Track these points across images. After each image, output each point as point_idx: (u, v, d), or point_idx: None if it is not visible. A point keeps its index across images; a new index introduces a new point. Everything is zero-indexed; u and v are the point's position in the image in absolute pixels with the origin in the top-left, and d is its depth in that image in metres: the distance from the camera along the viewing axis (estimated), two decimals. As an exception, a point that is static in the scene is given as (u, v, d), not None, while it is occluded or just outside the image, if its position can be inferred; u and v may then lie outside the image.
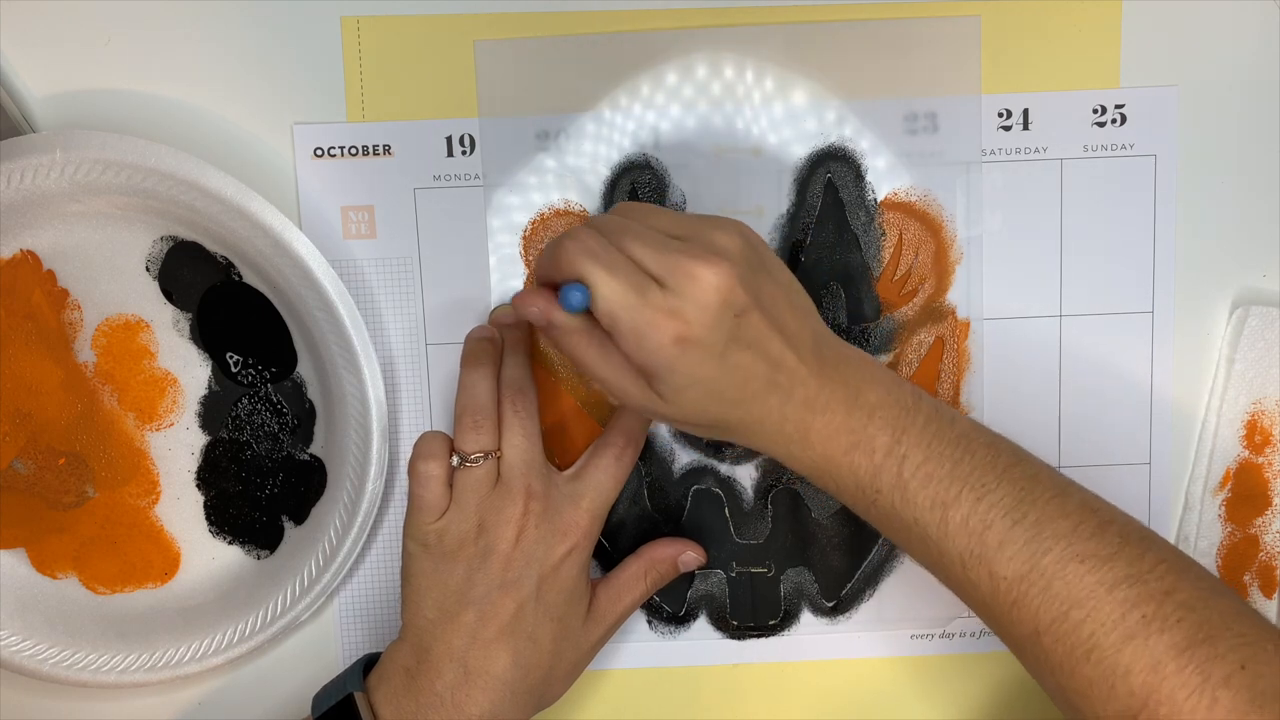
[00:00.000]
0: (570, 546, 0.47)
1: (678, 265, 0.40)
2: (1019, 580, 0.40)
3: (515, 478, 0.46)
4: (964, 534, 0.41)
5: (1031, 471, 0.42)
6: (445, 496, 0.46)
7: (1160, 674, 0.38)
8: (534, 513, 0.46)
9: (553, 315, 0.42)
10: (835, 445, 0.42)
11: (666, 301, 0.40)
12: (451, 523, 0.46)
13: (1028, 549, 0.40)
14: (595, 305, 0.40)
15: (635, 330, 0.40)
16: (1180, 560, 0.40)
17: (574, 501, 0.47)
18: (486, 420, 0.47)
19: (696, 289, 0.40)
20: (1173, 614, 0.38)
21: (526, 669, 0.46)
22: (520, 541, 0.46)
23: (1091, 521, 0.41)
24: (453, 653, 0.45)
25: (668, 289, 0.40)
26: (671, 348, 0.40)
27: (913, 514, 0.42)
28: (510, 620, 0.46)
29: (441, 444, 0.47)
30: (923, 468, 0.42)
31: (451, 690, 0.45)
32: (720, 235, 0.42)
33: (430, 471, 0.46)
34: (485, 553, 0.46)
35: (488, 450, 0.46)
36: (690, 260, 0.40)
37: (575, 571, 0.47)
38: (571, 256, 0.40)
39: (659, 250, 0.40)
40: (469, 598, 0.46)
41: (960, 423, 0.43)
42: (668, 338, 0.40)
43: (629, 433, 0.49)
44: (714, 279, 0.40)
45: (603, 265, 0.40)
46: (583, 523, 0.47)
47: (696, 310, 0.40)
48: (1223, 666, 0.37)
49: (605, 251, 0.40)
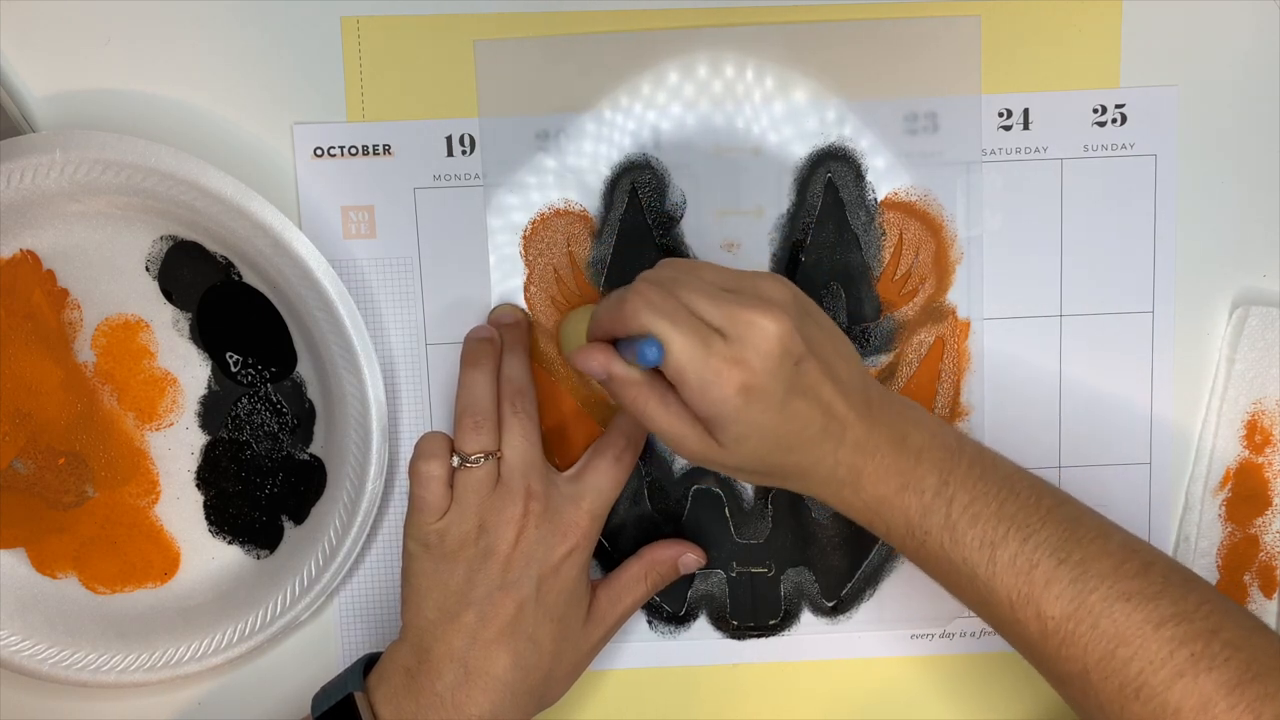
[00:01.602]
0: (570, 547, 0.47)
1: (738, 315, 0.41)
2: (1066, 619, 0.41)
3: (515, 478, 0.46)
4: (1011, 573, 0.41)
5: (1075, 513, 0.43)
6: (446, 497, 0.46)
7: (1210, 713, 0.38)
8: (534, 513, 0.46)
9: (614, 369, 0.43)
10: (886, 487, 0.43)
11: (730, 351, 0.40)
12: (452, 523, 0.46)
13: (1074, 588, 0.41)
14: (666, 359, 0.41)
15: (701, 381, 0.41)
16: (1222, 600, 0.41)
17: (574, 502, 0.47)
18: (487, 420, 0.47)
19: (758, 337, 0.41)
20: (1220, 652, 0.39)
21: (527, 670, 0.46)
22: (520, 542, 0.46)
23: (1135, 561, 0.41)
24: (453, 653, 0.45)
25: (730, 339, 0.41)
26: (736, 398, 0.40)
27: (961, 554, 0.42)
28: (511, 621, 0.46)
29: (442, 444, 0.47)
30: (970, 508, 0.42)
31: (452, 690, 0.45)
32: (768, 286, 0.42)
33: (431, 472, 0.46)
34: (486, 553, 0.46)
35: (488, 451, 0.46)
36: (748, 310, 0.41)
37: (575, 572, 0.47)
38: (637, 311, 0.41)
39: (718, 302, 0.41)
40: (469, 598, 0.46)
41: (1003, 465, 0.44)
42: (732, 388, 0.40)
43: (629, 434, 0.49)
44: (774, 327, 0.41)
45: (669, 319, 0.41)
46: (583, 523, 0.47)
47: (759, 359, 0.41)
48: (1273, 706, 0.38)
49: (669, 305, 0.41)
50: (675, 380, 0.41)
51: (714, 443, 0.42)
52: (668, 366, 0.41)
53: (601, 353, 0.43)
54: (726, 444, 0.42)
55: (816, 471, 0.43)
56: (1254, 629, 0.40)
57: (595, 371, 0.43)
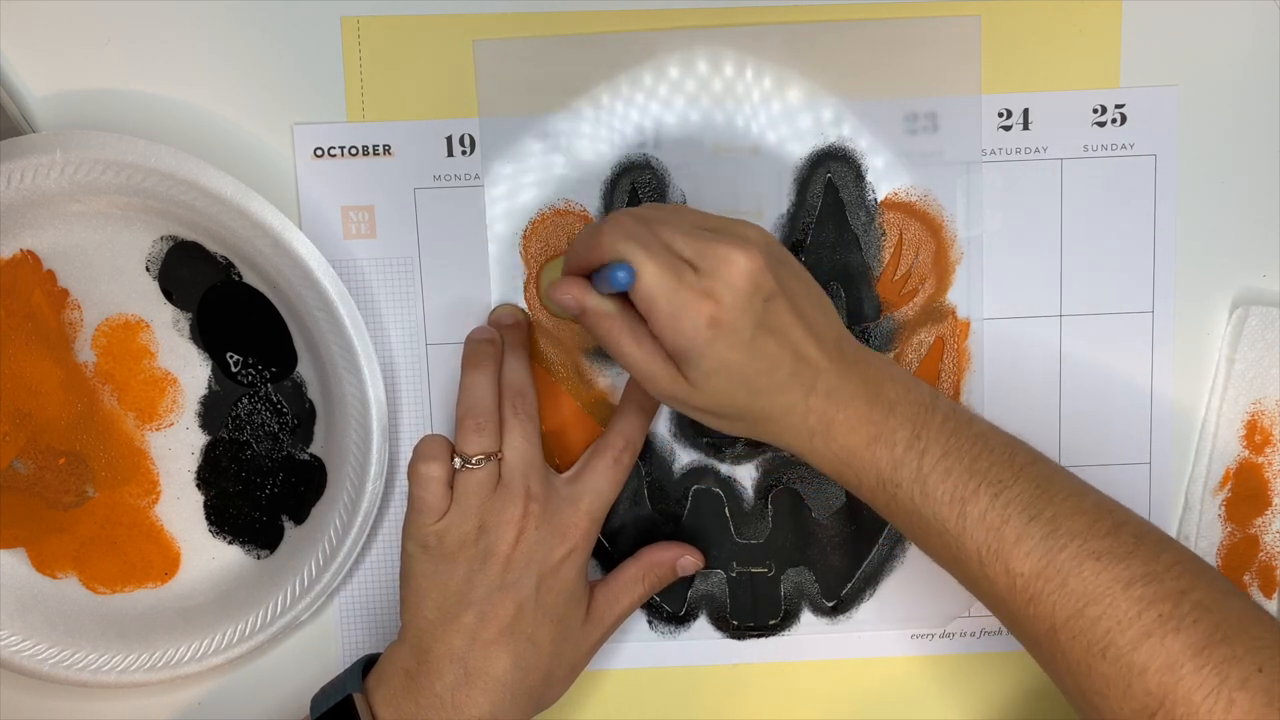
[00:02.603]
0: (569, 548, 0.47)
1: (711, 249, 0.41)
2: (1035, 576, 0.40)
3: (515, 479, 0.46)
4: (981, 528, 0.41)
5: (1048, 471, 0.42)
6: (446, 498, 0.46)
7: (1177, 674, 0.38)
8: (534, 514, 0.46)
9: (588, 300, 0.43)
10: (858, 437, 0.43)
11: (701, 283, 0.41)
12: (452, 524, 0.46)
13: (1044, 544, 0.40)
14: (636, 286, 0.41)
15: (672, 311, 0.41)
16: (1195, 562, 0.40)
17: (573, 503, 0.47)
18: (488, 422, 0.47)
19: (729, 271, 0.41)
20: (1189, 614, 0.38)
21: (526, 670, 0.46)
22: (520, 543, 0.46)
23: (1107, 521, 0.41)
24: (453, 654, 0.45)
25: (702, 272, 0.41)
26: (705, 330, 0.41)
27: (932, 509, 0.42)
28: (510, 621, 0.46)
29: (442, 446, 0.47)
30: (942, 462, 0.42)
31: (451, 691, 0.45)
32: (745, 227, 0.43)
33: (431, 473, 0.46)
34: (485, 554, 0.46)
35: (489, 452, 0.46)
36: (722, 245, 0.41)
37: (574, 573, 0.47)
38: (613, 239, 0.42)
39: (692, 236, 0.42)
40: (469, 599, 0.46)
41: (978, 422, 0.44)
42: (702, 319, 0.41)
43: (627, 435, 0.49)
44: (745, 262, 0.41)
45: (642, 247, 0.41)
46: (582, 524, 0.47)
47: (729, 291, 0.41)
48: (1240, 669, 0.37)
49: (643, 235, 0.42)
50: (645, 308, 0.41)
51: (683, 380, 0.43)
52: (637, 293, 0.41)
53: (576, 285, 0.43)
54: (695, 380, 0.42)
55: (787, 418, 0.43)
56: (1227, 592, 0.40)
57: (569, 304, 0.43)
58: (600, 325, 0.44)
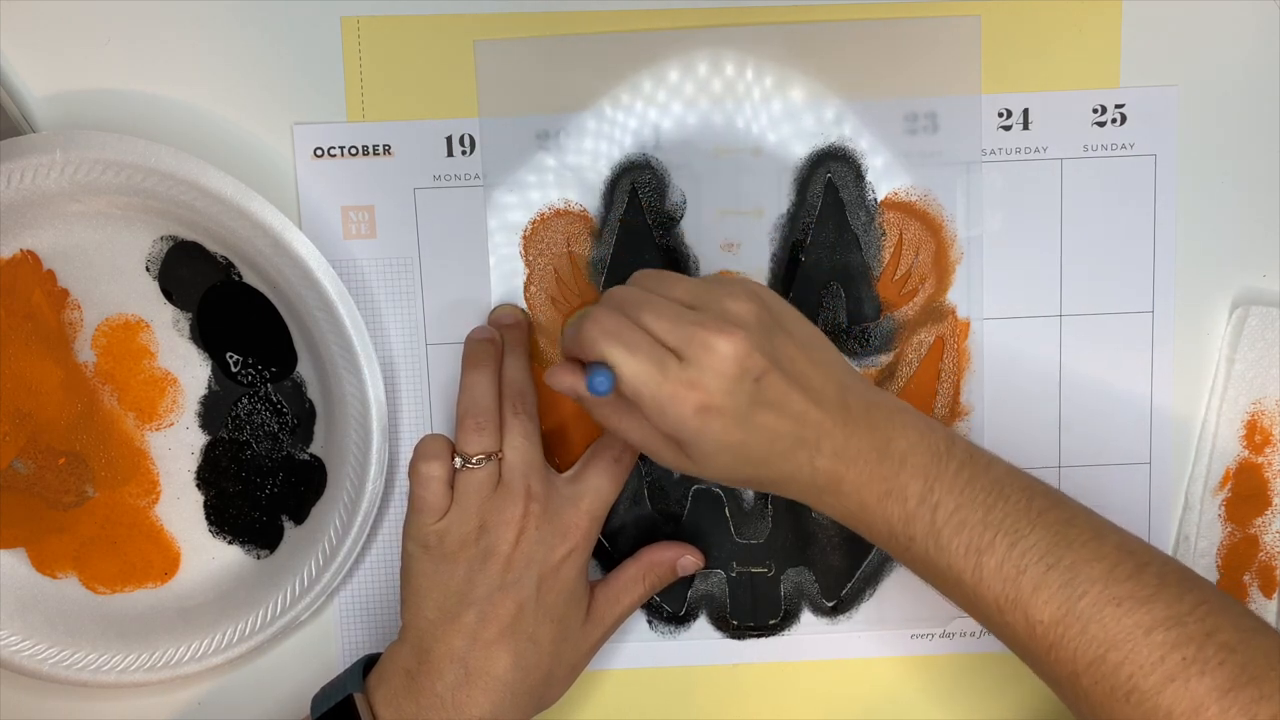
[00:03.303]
0: (570, 548, 0.47)
1: (693, 338, 0.41)
2: (1055, 624, 0.40)
3: (516, 479, 0.46)
4: (998, 580, 0.41)
5: (1067, 515, 0.42)
6: (446, 497, 0.46)
7: (1203, 717, 0.38)
8: (534, 514, 0.46)
9: (581, 392, 0.43)
10: (869, 494, 0.42)
11: (686, 374, 0.41)
12: (453, 524, 0.46)
13: (1063, 593, 0.40)
14: (620, 384, 0.41)
15: (658, 404, 0.41)
16: (1221, 601, 0.40)
17: (573, 503, 0.47)
18: (489, 421, 0.47)
19: (713, 359, 0.41)
20: (1214, 656, 0.38)
21: (527, 670, 0.46)
22: (520, 542, 0.46)
23: (1129, 564, 0.40)
24: (453, 653, 0.45)
25: (686, 361, 0.41)
26: (694, 419, 0.41)
27: (946, 560, 0.42)
28: (511, 621, 0.46)
29: (443, 445, 0.47)
30: (955, 515, 0.42)
31: (452, 691, 0.45)
32: (733, 303, 0.42)
33: (432, 473, 0.46)
34: (486, 554, 0.46)
35: (490, 451, 0.46)
36: (705, 332, 0.41)
37: (574, 573, 0.47)
38: (594, 339, 0.41)
39: (675, 323, 0.41)
40: (470, 598, 0.46)
41: (995, 468, 0.43)
42: (689, 409, 0.41)
43: None
44: (729, 349, 0.41)
45: (623, 345, 0.41)
46: (582, 524, 0.47)
47: (715, 379, 0.41)
48: (1269, 708, 0.37)
49: (624, 331, 0.41)
50: (636, 404, 0.42)
51: (687, 458, 0.43)
52: (623, 390, 0.41)
53: (570, 373, 0.44)
54: (697, 460, 0.42)
55: (795, 481, 0.43)
56: (1253, 629, 0.39)
57: (566, 391, 0.44)
58: (598, 413, 0.44)
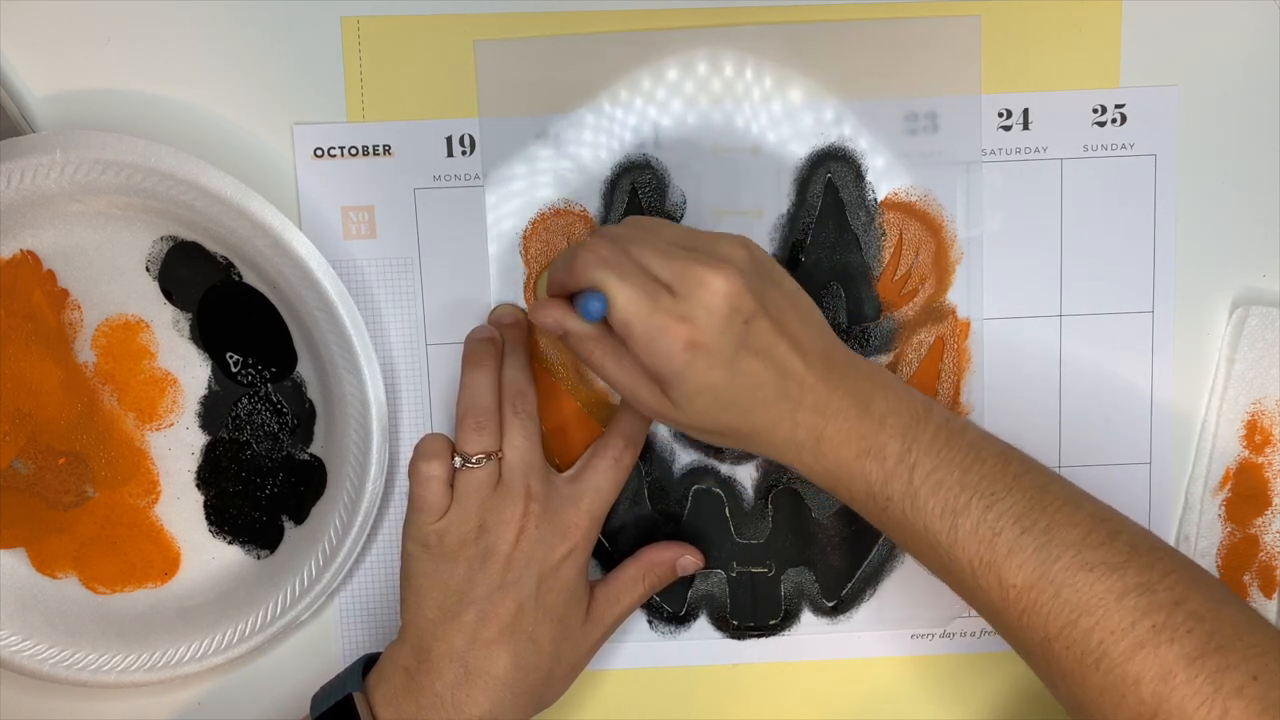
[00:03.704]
0: (570, 548, 0.47)
1: (687, 272, 0.41)
2: (1029, 588, 0.40)
3: (516, 479, 0.46)
4: (973, 541, 0.41)
5: (1042, 481, 0.42)
6: (446, 497, 0.46)
7: (1170, 684, 0.38)
8: (534, 514, 0.46)
9: (568, 324, 0.43)
10: (847, 451, 0.43)
11: (677, 307, 0.41)
12: (452, 523, 0.46)
13: (1037, 556, 0.40)
14: (611, 312, 0.41)
15: (648, 336, 0.41)
16: (1191, 570, 0.40)
17: (573, 503, 0.47)
18: (489, 421, 0.47)
19: (705, 294, 0.41)
20: (1183, 624, 0.38)
21: (526, 670, 0.46)
22: (520, 542, 0.46)
23: (1101, 531, 0.41)
24: (453, 653, 0.45)
25: (678, 295, 0.41)
26: (683, 353, 0.41)
27: (923, 521, 0.42)
28: (511, 621, 0.46)
29: (443, 445, 0.47)
30: (932, 475, 0.42)
31: (452, 690, 0.45)
32: (725, 246, 0.43)
33: (432, 472, 0.46)
34: (486, 553, 0.46)
35: (490, 451, 0.46)
36: (699, 267, 0.41)
37: (574, 573, 0.47)
38: (586, 265, 0.42)
39: (669, 258, 0.42)
40: (470, 598, 0.46)
41: (971, 432, 0.43)
42: (679, 343, 0.41)
43: (628, 435, 0.49)
44: (722, 284, 0.41)
45: (616, 273, 0.41)
46: (582, 524, 0.47)
47: (706, 315, 0.41)
48: (1234, 677, 0.37)
49: (618, 260, 0.42)
50: (622, 335, 0.42)
51: (667, 400, 0.43)
52: (613, 319, 0.41)
53: (556, 308, 0.44)
54: (679, 401, 0.42)
55: (775, 434, 0.43)
56: (1222, 600, 0.39)
57: (550, 326, 0.44)
58: (582, 348, 0.44)
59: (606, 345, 0.44)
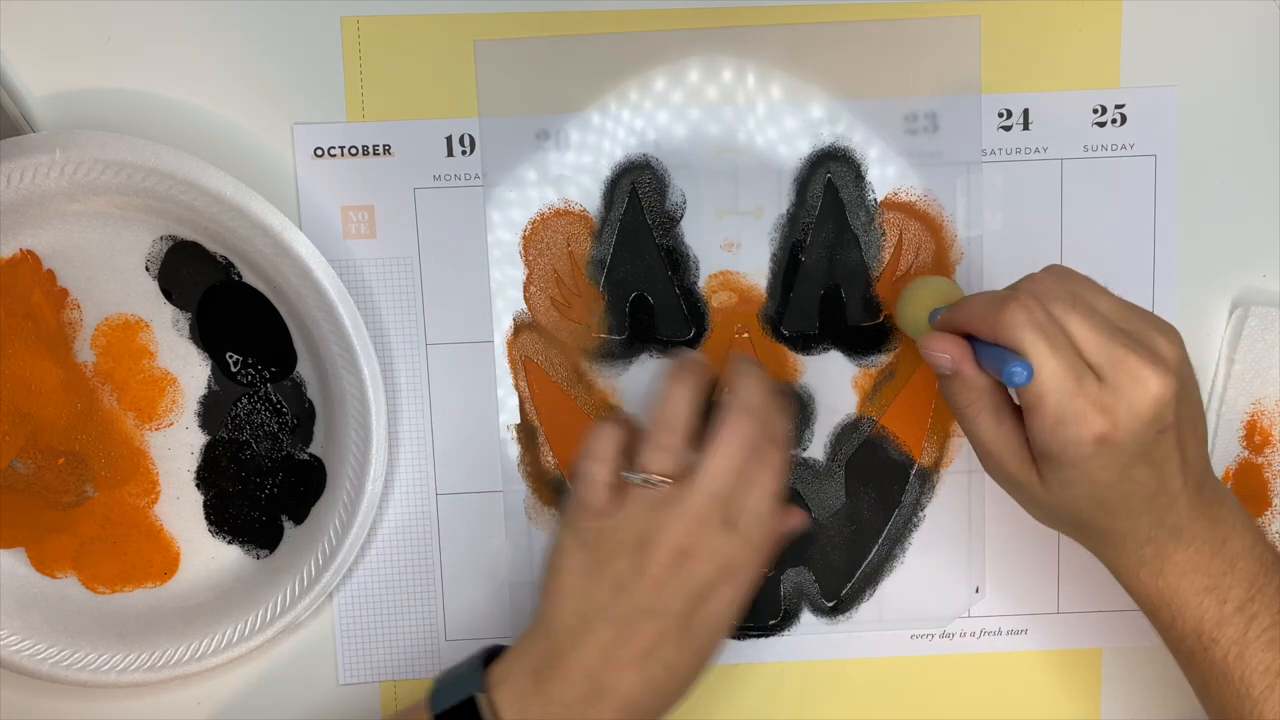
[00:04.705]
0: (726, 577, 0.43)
1: (1123, 362, 0.38)
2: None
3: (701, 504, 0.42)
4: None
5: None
6: (607, 500, 0.43)
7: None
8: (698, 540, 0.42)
9: (963, 369, 0.41)
10: (1189, 583, 0.42)
11: (1103, 397, 0.38)
12: (612, 527, 0.43)
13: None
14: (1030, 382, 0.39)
15: (1059, 418, 0.39)
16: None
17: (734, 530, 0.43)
18: (677, 441, 0.43)
19: (1137, 394, 0.38)
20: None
21: (654, 694, 0.43)
22: (675, 567, 0.42)
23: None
24: (586, 668, 0.43)
25: (1105, 384, 0.39)
26: (1088, 445, 0.39)
27: (1242, 672, 0.41)
28: (649, 648, 0.43)
29: (612, 447, 0.44)
30: (1268, 631, 0.41)
31: (582, 704, 0.42)
32: (1164, 342, 0.40)
33: (595, 475, 0.44)
34: (638, 570, 0.42)
35: (668, 475, 0.43)
36: (1136, 361, 0.38)
37: (726, 606, 0.44)
38: (1018, 325, 0.39)
39: (1105, 340, 0.39)
40: (611, 614, 0.43)
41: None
42: (1090, 434, 0.38)
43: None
44: (1159, 388, 0.38)
45: (1049, 344, 0.38)
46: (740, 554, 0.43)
47: (1129, 415, 0.38)
48: None
49: (1052, 330, 0.39)
50: (1030, 405, 0.39)
51: (1036, 476, 0.41)
52: (1028, 389, 0.39)
53: (956, 347, 0.41)
54: (1050, 483, 0.40)
55: (1125, 542, 0.42)
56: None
57: (941, 365, 0.41)
58: (963, 396, 0.42)
59: (991, 403, 0.41)
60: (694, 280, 0.51)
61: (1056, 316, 0.39)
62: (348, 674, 0.53)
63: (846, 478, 0.53)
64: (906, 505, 0.53)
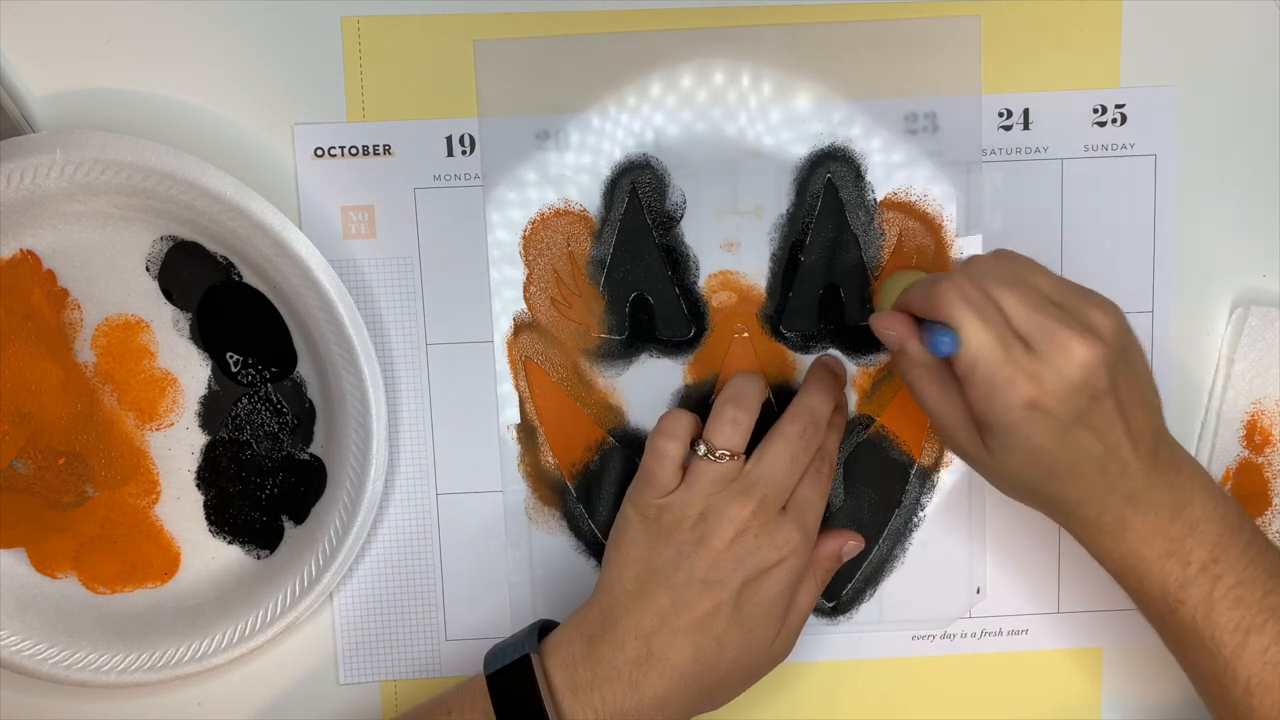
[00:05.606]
0: (779, 559, 0.46)
1: (1051, 332, 0.40)
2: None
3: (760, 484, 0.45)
4: (1259, 663, 0.41)
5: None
6: (676, 477, 0.46)
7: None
8: (758, 521, 0.45)
9: (908, 345, 0.43)
10: (1150, 548, 0.42)
11: (1030, 364, 0.40)
12: (675, 502, 0.45)
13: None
14: (960, 352, 0.41)
15: (990, 384, 0.40)
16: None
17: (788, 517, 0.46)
18: (746, 418, 0.46)
19: (1064, 361, 0.40)
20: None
21: (704, 666, 0.45)
22: (735, 544, 0.45)
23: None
24: (640, 630, 0.45)
25: (1033, 352, 0.40)
26: (1019, 409, 0.40)
27: (1211, 631, 0.42)
28: (703, 617, 0.45)
29: (685, 426, 0.46)
30: (1234, 590, 0.42)
31: (631, 667, 0.44)
32: (1098, 314, 0.41)
33: (668, 451, 0.46)
34: (699, 542, 0.45)
35: (734, 451, 0.46)
36: (1065, 331, 0.40)
37: (779, 588, 0.46)
38: (948, 300, 0.41)
39: (1034, 310, 0.41)
40: (670, 582, 0.45)
41: (1275, 551, 0.43)
42: (1019, 399, 0.40)
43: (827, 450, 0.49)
44: (1085, 355, 0.40)
45: (977, 315, 0.40)
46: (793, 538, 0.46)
47: (1056, 380, 0.40)
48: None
49: (981, 302, 0.41)
50: (963, 375, 0.41)
51: (982, 446, 0.42)
52: (959, 359, 0.41)
53: (901, 324, 0.44)
54: (994, 451, 0.42)
55: (1081, 510, 0.43)
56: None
57: (890, 340, 0.44)
58: (910, 372, 0.44)
59: (936, 376, 0.43)
60: (694, 280, 0.51)
61: (989, 291, 0.41)
62: (348, 674, 0.53)
63: (846, 477, 0.53)
64: (906, 505, 0.53)
